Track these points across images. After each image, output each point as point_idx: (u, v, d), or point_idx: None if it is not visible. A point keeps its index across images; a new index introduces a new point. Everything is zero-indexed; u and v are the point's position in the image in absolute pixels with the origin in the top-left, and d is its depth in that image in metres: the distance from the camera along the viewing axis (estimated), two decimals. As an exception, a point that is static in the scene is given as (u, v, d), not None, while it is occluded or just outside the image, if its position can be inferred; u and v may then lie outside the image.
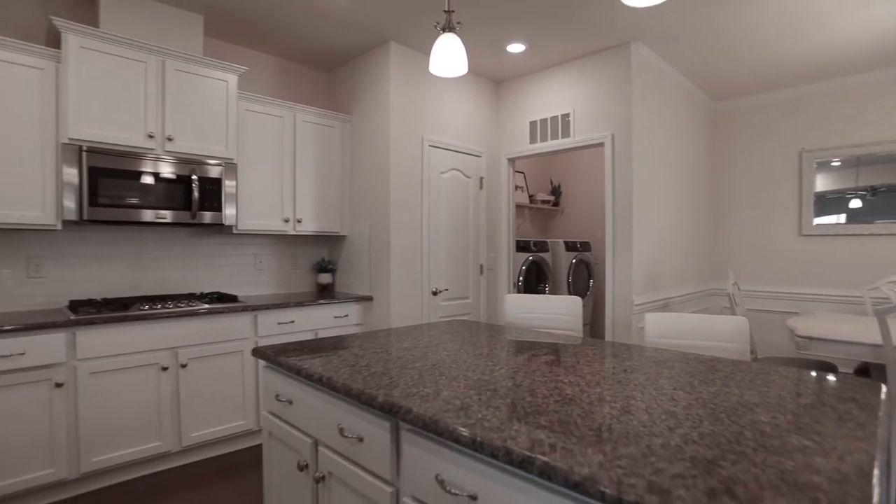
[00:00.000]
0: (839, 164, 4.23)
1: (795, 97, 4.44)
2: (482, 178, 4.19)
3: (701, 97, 4.66)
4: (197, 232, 3.38)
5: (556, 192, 5.64)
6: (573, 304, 2.33)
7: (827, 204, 4.30)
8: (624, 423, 1.00)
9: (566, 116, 3.81)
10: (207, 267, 3.43)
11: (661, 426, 0.98)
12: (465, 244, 4.05)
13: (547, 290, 4.76)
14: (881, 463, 0.83)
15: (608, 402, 1.14)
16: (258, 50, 3.69)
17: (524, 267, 4.51)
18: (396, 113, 3.52)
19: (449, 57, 1.93)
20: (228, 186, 3.11)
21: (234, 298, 3.13)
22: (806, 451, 0.86)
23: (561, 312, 2.35)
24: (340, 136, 3.82)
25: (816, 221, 4.34)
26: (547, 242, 4.84)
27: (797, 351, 2.71)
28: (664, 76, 3.92)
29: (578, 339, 1.93)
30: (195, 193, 2.93)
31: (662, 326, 1.94)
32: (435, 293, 3.78)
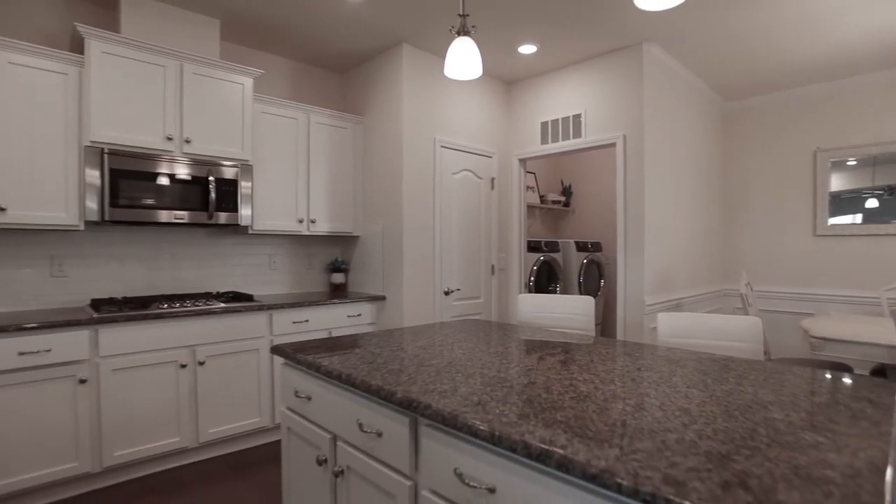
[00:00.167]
0: (855, 163, 4.19)
1: (810, 96, 4.40)
2: (493, 178, 4.21)
3: (713, 97, 4.64)
4: (213, 232, 3.45)
5: (566, 192, 5.65)
6: (586, 303, 2.35)
7: (842, 204, 4.26)
8: (638, 419, 1.02)
9: (578, 117, 3.82)
10: (223, 266, 3.50)
11: (675, 422, 1.00)
12: (476, 244, 4.07)
13: (558, 290, 4.77)
14: (894, 461, 0.84)
15: (622, 398, 1.16)
16: (272, 53, 3.74)
17: (535, 267, 4.52)
18: (409, 114, 3.56)
19: (464, 60, 1.96)
20: (244, 187, 3.17)
21: (249, 298, 3.19)
22: (819, 447, 0.88)
23: (573, 312, 2.37)
24: (353, 137, 3.86)
25: (831, 221, 4.30)
26: (558, 243, 4.85)
27: (811, 352, 2.70)
28: (676, 76, 3.91)
29: (591, 338, 1.94)
30: (212, 194, 2.99)
31: (675, 326, 1.95)
32: (447, 293, 3.80)
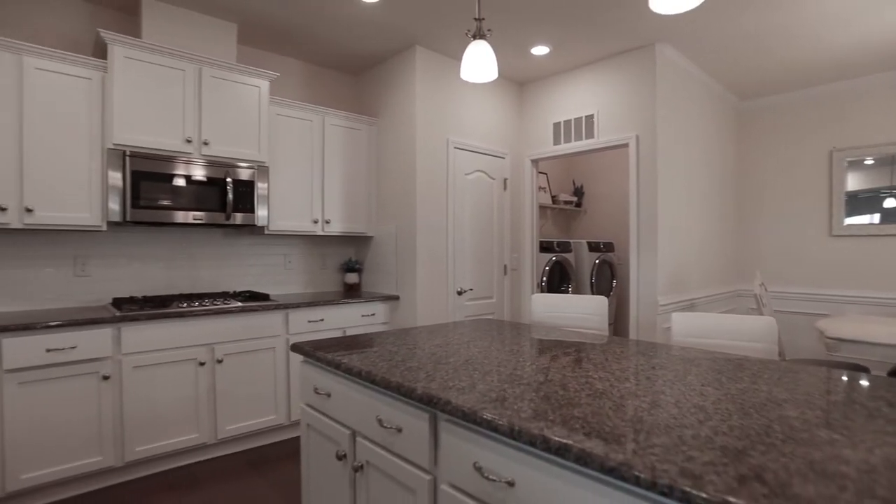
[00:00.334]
0: (872, 162, 4.14)
1: (826, 95, 4.36)
2: (506, 179, 4.23)
3: (727, 96, 4.61)
4: (230, 233, 3.51)
5: (578, 192, 5.65)
6: (599, 303, 2.37)
7: (859, 204, 4.21)
8: (654, 415, 1.04)
9: (590, 118, 3.83)
10: (239, 266, 3.56)
11: (690, 419, 1.02)
12: (489, 244, 4.10)
13: (570, 290, 4.78)
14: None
15: (638, 396, 1.18)
16: (287, 55, 3.80)
17: (547, 267, 4.53)
18: (422, 115, 3.59)
19: (480, 63, 1.99)
20: (260, 188, 3.22)
21: (265, 297, 3.24)
22: (834, 443, 0.89)
23: (587, 312, 2.39)
24: (367, 138, 3.91)
25: (848, 221, 4.25)
26: (570, 243, 4.86)
27: (827, 353, 2.68)
28: (689, 76, 3.90)
29: (605, 337, 1.96)
30: (229, 195, 3.05)
31: (690, 325, 1.96)
32: (460, 293, 3.83)
